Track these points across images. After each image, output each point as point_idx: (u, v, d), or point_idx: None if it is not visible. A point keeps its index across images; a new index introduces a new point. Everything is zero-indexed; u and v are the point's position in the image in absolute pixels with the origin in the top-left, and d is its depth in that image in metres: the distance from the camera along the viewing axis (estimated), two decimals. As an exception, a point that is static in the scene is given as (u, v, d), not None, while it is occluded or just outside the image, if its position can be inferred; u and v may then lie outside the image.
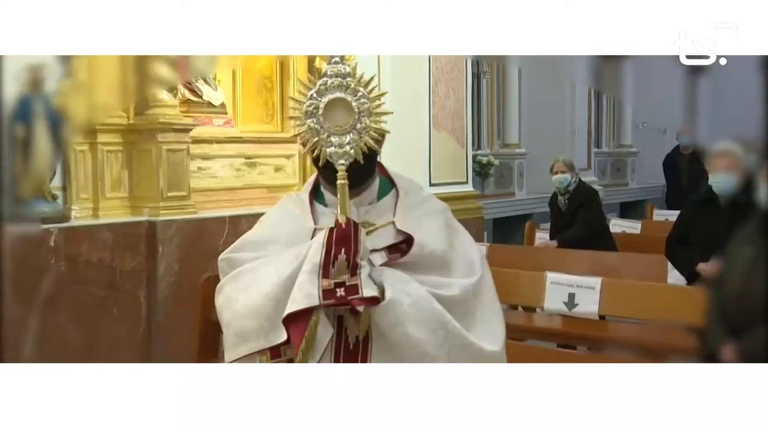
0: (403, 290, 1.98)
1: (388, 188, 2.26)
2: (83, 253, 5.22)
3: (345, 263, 1.96)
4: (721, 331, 3.40)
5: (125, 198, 5.72)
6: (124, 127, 5.69)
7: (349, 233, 1.98)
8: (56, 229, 5.13)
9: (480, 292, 2.12)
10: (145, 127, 5.65)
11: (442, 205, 2.27)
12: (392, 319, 1.95)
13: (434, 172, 7.81)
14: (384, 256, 2.09)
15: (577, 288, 4.95)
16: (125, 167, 5.72)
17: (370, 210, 2.19)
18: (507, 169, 11.15)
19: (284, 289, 2.00)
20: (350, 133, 2.04)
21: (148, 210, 5.61)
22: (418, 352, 1.96)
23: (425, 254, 2.08)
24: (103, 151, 5.63)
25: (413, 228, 2.09)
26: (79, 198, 5.54)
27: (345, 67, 2.06)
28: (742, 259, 3.41)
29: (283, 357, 2.01)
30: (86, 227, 5.32)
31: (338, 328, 2.02)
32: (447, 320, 1.99)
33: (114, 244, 5.35)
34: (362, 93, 2.05)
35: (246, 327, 2.05)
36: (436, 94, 7.85)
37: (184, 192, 5.73)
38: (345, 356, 2.02)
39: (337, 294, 1.94)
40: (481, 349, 2.03)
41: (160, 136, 5.61)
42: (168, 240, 5.45)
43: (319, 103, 2.04)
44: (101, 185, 5.61)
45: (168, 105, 5.71)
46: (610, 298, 4.85)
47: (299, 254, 2.03)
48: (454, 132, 8.09)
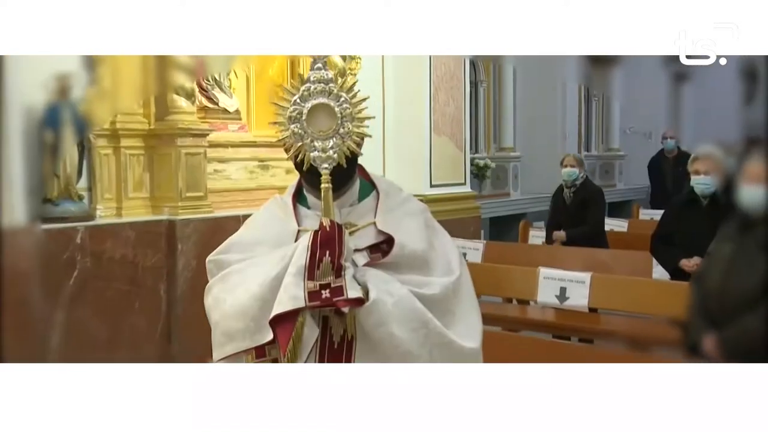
0: (387, 290, 1.91)
1: (369, 190, 2.15)
2: (107, 250, 5.22)
3: (330, 265, 1.89)
4: (702, 324, 3.40)
5: (146, 198, 5.72)
6: (145, 132, 5.69)
7: (334, 236, 1.91)
8: (82, 227, 5.14)
9: (459, 290, 2.04)
10: (165, 133, 5.65)
11: (421, 206, 2.19)
12: (376, 319, 1.88)
13: (434, 173, 7.81)
14: (366, 256, 2.01)
15: (568, 282, 4.95)
16: (146, 170, 5.72)
17: (352, 211, 2.10)
18: (502, 171, 11.16)
19: (270, 290, 1.93)
20: (333, 138, 1.96)
21: (168, 209, 5.62)
22: (401, 351, 1.89)
23: (405, 254, 2.00)
24: (126, 154, 5.63)
25: (394, 228, 2.01)
26: (104, 198, 5.54)
27: (327, 72, 1.98)
28: (722, 256, 3.41)
29: (267, 357, 1.95)
30: (110, 225, 5.33)
31: (323, 328, 1.95)
32: (428, 319, 1.91)
33: (136, 241, 5.36)
34: (345, 98, 1.97)
35: (232, 327, 1.98)
36: (436, 101, 7.85)
37: (201, 193, 5.73)
38: (330, 356, 1.95)
39: (322, 296, 1.88)
40: (461, 347, 1.96)
41: (179, 140, 5.62)
42: (186, 238, 5.46)
43: (303, 108, 1.96)
44: (124, 186, 5.62)
45: (186, 112, 5.71)
46: (599, 292, 4.86)
47: (285, 256, 1.96)
48: (453, 136, 8.09)
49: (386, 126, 7.63)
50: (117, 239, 5.29)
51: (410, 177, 7.57)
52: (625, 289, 4.79)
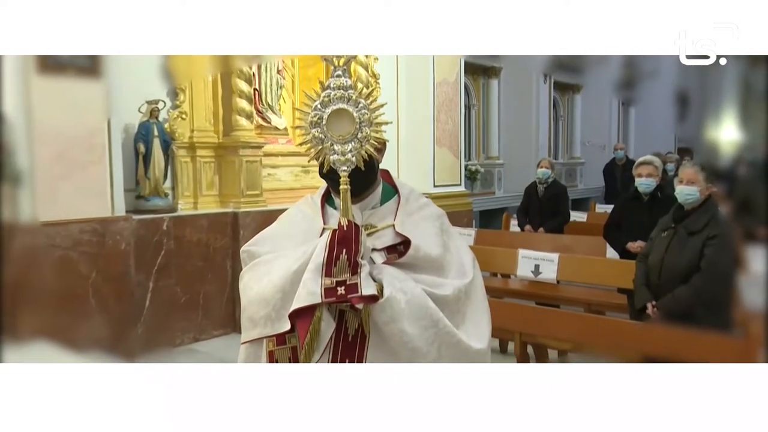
0: (401, 288, 1.63)
1: (392, 194, 1.85)
2: (186, 235, 5.25)
3: (346, 263, 1.61)
4: (645, 293, 3.39)
5: (216, 195, 5.73)
6: (215, 144, 5.71)
7: (351, 235, 1.63)
8: (167, 218, 5.17)
9: (471, 293, 1.75)
10: (230, 145, 5.66)
11: (438, 211, 1.88)
12: (389, 315, 1.60)
13: (437, 176, 7.85)
14: (383, 255, 1.73)
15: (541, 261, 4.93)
16: (216, 173, 5.73)
17: (374, 213, 1.80)
18: (489, 174, 11.12)
19: (290, 283, 1.66)
20: (352, 142, 1.67)
21: (233, 204, 5.62)
22: (410, 347, 1.61)
23: (420, 256, 1.71)
24: (200, 161, 5.65)
25: (411, 231, 1.74)
26: (184, 195, 5.56)
27: (347, 80, 1.69)
28: (660, 240, 3.40)
29: (287, 344, 1.66)
30: (188, 216, 5.35)
31: (339, 321, 1.65)
32: (439, 318, 1.63)
33: (208, 228, 5.38)
34: (363, 104, 1.68)
35: (256, 314, 1.71)
36: (438, 120, 7.85)
37: (257, 191, 5.74)
38: (344, 349, 1.66)
39: (338, 292, 1.60)
40: (468, 347, 1.67)
41: (241, 151, 5.63)
42: (246, 225, 5.47)
43: (323, 113, 1.67)
44: (199, 186, 5.64)
45: (246, 129, 5.72)
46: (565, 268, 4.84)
47: (306, 252, 1.68)
48: (451, 148, 8.09)
49: (400, 140, 7.69)
50: (194, 227, 5.31)
51: (418, 179, 7.66)
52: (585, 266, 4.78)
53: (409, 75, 7.68)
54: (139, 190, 5.21)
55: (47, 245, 4.35)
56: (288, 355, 1.66)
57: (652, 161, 4.28)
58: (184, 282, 5.22)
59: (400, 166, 7.71)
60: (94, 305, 4.55)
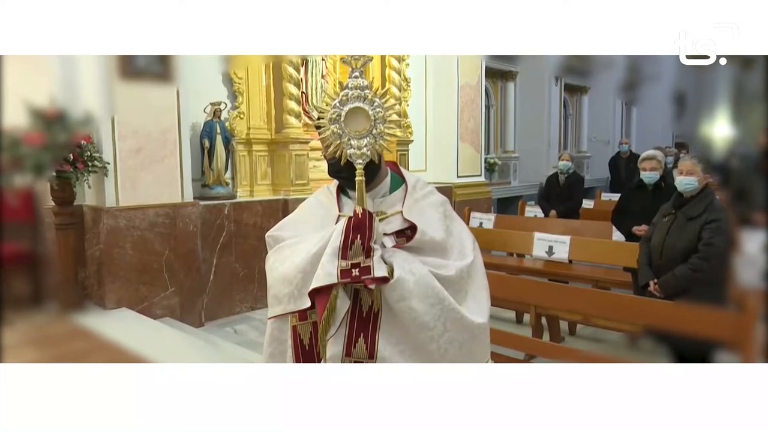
0: (410, 270, 1.58)
1: (399, 183, 1.80)
2: (244, 218, 5.30)
3: (360, 247, 1.56)
4: (647, 271, 3.36)
5: (269, 184, 5.76)
6: (268, 140, 5.74)
7: (365, 222, 1.59)
8: (228, 204, 5.22)
9: (472, 272, 1.69)
10: (281, 141, 5.68)
11: (442, 198, 1.81)
12: (399, 294, 1.56)
13: (460, 168, 7.84)
14: (393, 239, 1.67)
15: (554, 242, 4.89)
16: (269, 165, 5.77)
17: (383, 201, 1.75)
18: (506, 166, 11.02)
19: (311, 264, 1.61)
20: (367, 137, 1.61)
21: (283, 192, 5.66)
22: (419, 322, 1.56)
23: (426, 240, 1.65)
24: (256, 155, 5.69)
25: (417, 217, 1.68)
26: (242, 184, 5.62)
27: (363, 80, 1.62)
28: (662, 225, 3.36)
29: (309, 320, 1.63)
30: (246, 202, 5.39)
31: (354, 299, 1.60)
32: (444, 296, 1.58)
33: (263, 213, 5.41)
34: (378, 103, 1.61)
35: (280, 292, 1.66)
36: (462, 119, 7.82)
37: (305, 181, 5.76)
38: (359, 323, 1.60)
39: (352, 273, 1.54)
40: (471, 322, 1.62)
41: (290, 146, 5.66)
42: (295, 210, 5.51)
43: (341, 111, 1.61)
44: (255, 176, 5.68)
45: (295, 127, 5.74)
46: (576, 249, 4.79)
47: (324, 237, 1.63)
48: (473, 143, 8.05)
49: (428, 136, 7.68)
50: (250, 211, 5.35)
51: (444, 171, 7.69)
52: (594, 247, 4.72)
53: (437, 79, 7.65)
54: (204, 180, 5.28)
55: (128, 227, 4.46)
56: (309, 330, 1.64)
57: (656, 156, 4.22)
58: (242, 259, 5.28)
59: (428, 159, 7.71)
60: (167, 278, 4.66)
